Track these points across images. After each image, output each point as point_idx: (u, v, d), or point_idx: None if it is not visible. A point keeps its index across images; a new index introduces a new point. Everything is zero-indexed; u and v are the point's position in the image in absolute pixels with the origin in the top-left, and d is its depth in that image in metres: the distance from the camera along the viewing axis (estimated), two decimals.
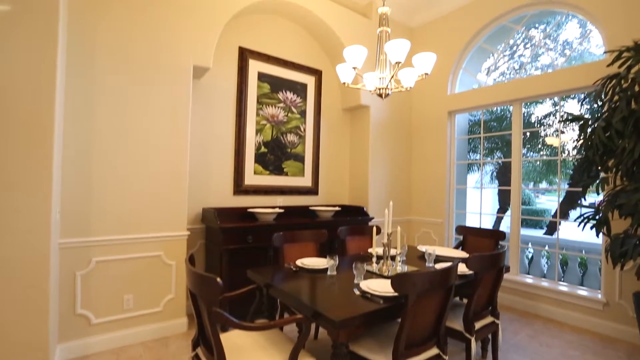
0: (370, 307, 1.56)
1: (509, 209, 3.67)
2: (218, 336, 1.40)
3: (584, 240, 4.08)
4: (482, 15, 3.82)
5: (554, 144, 6.45)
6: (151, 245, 2.64)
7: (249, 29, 3.54)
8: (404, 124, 4.55)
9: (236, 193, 3.47)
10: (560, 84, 3.19)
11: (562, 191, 3.73)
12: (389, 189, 4.30)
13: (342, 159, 4.35)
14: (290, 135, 3.86)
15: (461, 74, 4.19)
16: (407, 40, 2.02)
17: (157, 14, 2.65)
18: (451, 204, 4.19)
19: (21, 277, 1.82)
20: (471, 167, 9.01)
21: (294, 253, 2.54)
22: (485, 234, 2.97)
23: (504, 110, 8.18)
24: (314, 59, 4.06)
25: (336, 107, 4.29)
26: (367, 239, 3.02)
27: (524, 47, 9.37)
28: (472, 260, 1.84)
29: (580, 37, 9.00)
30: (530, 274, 4.15)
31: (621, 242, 2.29)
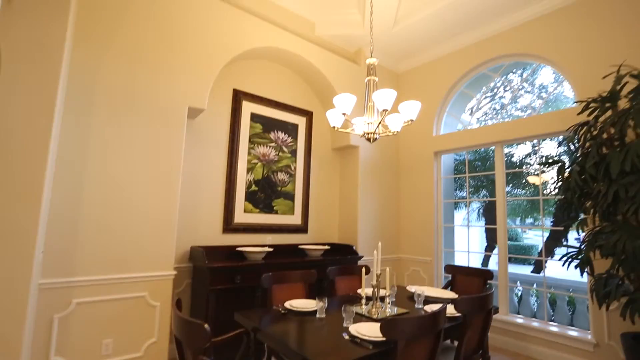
0: (360, 353, 1.54)
1: (497, 247, 3.72)
2: None
3: (570, 279, 4.12)
4: (462, 64, 4.10)
5: (535, 183, 6.68)
6: (136, 285, 2.57)
7: (243, 72, 3.71)
8: (392, 164, 4.68)
9: (225, 231, 3.45)
10: (537, 128, 3.39)
11: (546, 230, 3.83)
12: (378, 227, 4.34)
13: (331, 197, 4.41)
14: (281, 174, 3.92)
15: (445, 116, 4.41)
16: (393, 90, 2.16)
17: (156, 61, 2.77)
18: (439, 242, 4.23)
19: None
20: (458, 204, 9.18)
21: (283, 294, 2.51)
22: (474, 273, 2.99)
23: (487, 150, 8.50)
24: (305, 100, 4.24)
25: (326, 147, 4.41)
26: (357, 279, 3.00)
27: (504, 90, 9.96)
28: (461, 302, 1.86)
29: (554, 82, 9.68)
30: (520, 313, 4.12)
31: (604, 282, 2.34)
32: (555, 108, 8.67)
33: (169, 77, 2.83)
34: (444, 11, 3.58)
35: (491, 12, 3.59)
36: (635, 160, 2.00)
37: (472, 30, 3.91)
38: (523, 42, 3.54)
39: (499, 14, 3.61)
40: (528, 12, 3.45)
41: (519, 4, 3.42)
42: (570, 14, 3.21)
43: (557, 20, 3.30)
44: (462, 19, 3.71)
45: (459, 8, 3.53)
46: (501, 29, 3.71)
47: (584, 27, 3.11)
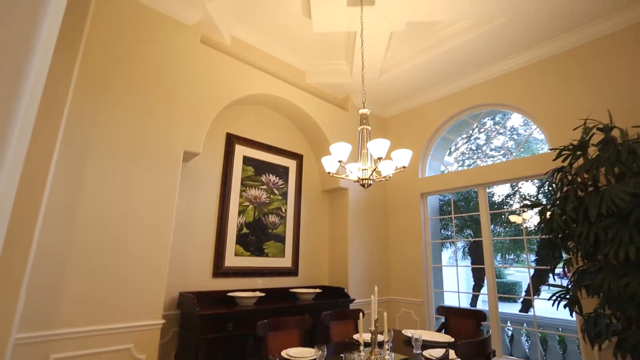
0: None
1: (484, 285, 3.77)
2: None
3: (559, 317, 4.18)
4: (444, 111, 4.39)
5: (516, 221, 6.94)
6: (121, 337, 2.43)
7: (236, 117, 3.83)
8: (380, 205, 4.79)
9: (215, 275, 3.37)
10: (516, 171, 3.61)
11: (530, 268, 3.93)
12: (368, 269, 4.33)
13: (321, 239, 4.42)
14: (272, 216, 3.93)
15: (430, 159, 4.62)
16: (387, 140, 2.29)
17: (154, 107, 2.84)
18: (429, 282, 4.25)
19: None
20: (444, 244, 9.35)
21: (278, 341, 2.43)
22: (467, 314, 3.01)
23: (470, 191, 8.85)
24: (295, 144, 4.37)
25: (316, 189, 4.49)
26: (351, 324, 2.95)
27: (479, 132, 10.60)
28: (462, 347, 1.87)
29: (523, 124, 10.45)
30: (513, 354, 4.11)
31: (594, 322, 2.41)
32: (526, 148, 9.24)
33: (166, 122, 2.89)
34: (427, 64, 3.90)
35: (470, 66, 3.93)
36: (611, 205, 2.16)
37: (453, 81, 4.24)
38: (499, 93, 3.86)
39: (476, 67, 3.95)
40: (503, 66, 3.81)
41: (495, 58, 3.78)
42: (540, 69, 3.57)
43: (529, 74, 3.65)
44: (444, 71, 4.04)
45: (441, 61, 3.85)
46: (479, 80, 4.05)
47: (553, 81, 3.45)
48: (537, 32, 3.34)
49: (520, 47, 3.57)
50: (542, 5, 3.01)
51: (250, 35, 3.66)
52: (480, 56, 3.75)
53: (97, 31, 2.62)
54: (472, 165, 10.70)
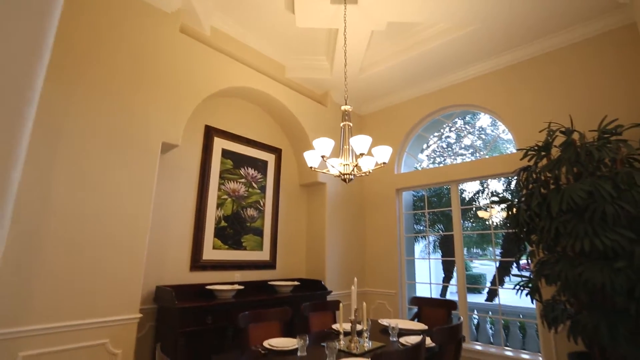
0: None
1: (453, 277, 3.98)
2: None
3: (520, 305, 4.49)
4: (420, 110, 4.55)
5: (484, 217, 7.33)
6: (96, 332, 2.37)
7: (215, 109, 3.78)
8: (357, 200, 4.90)
9: (193, 269, 3.33)
10: (486, 169, 3.82)
11: (497, 260, 4.20)
12: (344, 262, 4.44)
13: (299, 233, 4.47)
14: (250, 210, 3.93)
15: (405, 156, 4.77)
16: (369, 137, 2.37)
17: (131, 98, 2.76)
18: (403, 275, 4.42)
19: None
20: (416, 237, 9.70)
21: (259, 333, 2.47)
22: (439, 304, 3.18)
23: (442, 188, 9.22)
24: (274, 138, 4.37)
25: (294, 183, 4.52)
26: (329, 314, 3.04)
27: (450, 130, 11.02)
28: (436, 333, 1.99)
29: (491, 124, 10.99)
30: (478, 340, 4.37)
31: (552, 308, 2.63)
32: (494, 147, 9.73)
33: (144, 112, 2.81)
34: (405, 64, 4.02)
35: (445, 68, 4.09)
36: (570, 202, 2.36)
37: (429, 81, 4.39)
38: (471, 95, 4.05)
39: (451, 69, 4.12)
40: (476, 69, 4.00)
41: (469, 62, 3.96)
42: (509, 74, 3.78)
43: (498, 78, 3.85)
44: (421, 71, 4.18)
45: (418, 62, 3.98)
46: (453, 82, 4.22)
47: (519, 86, 3.67)
48: (506, 40, 3.54)
49: (491, 52, 3.76)
50: (513, 14, 3.19)
51: (231, 26, 3.61)
52: (455, 59, 3.91)
53: (70, 15, 2.50)
54: (443, 162, 11.10)
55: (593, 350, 2.48)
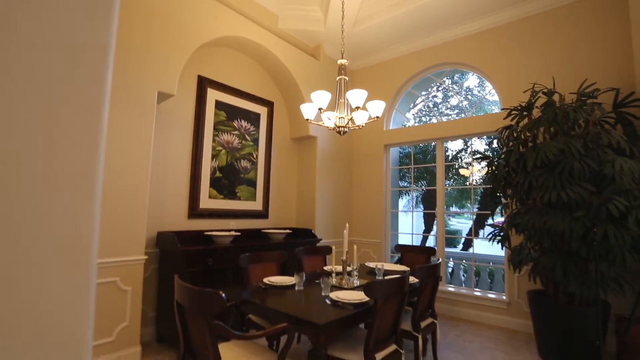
0: (344, 313, 1.85)
1: (434, 229, 4.32)
2: (217, 348, 1.54)
3: (490, 254, 4.96)
4: (411, 67, 4.59)
5: (465, 174, 7.71)
6: (107, 271, 2.57)
7: (208, 59, 3.73)
8: (347, 155, 5.06)
9: (191, 217, 3.50)
10: (472, 128, 4.00)
11: (474, 216, 4.56)
12: (332, 213, 4.70)
13: (290, 185, 4.64)
14: (244, 162, 4.04)
15: (394, 112, 4.89)
16: (364, 90, 2.47)
17: (126, 45, 2.71)
18: (387, 226, 4.74)
19: None
20: (400, 193, 10.13)
21: (258, 272, 2.71)
22: (419, 250, 3.50)
23: (427, 145, 9.46)
24: (266, 91, 4.37)
25: (286, 137, 4.61)
26: (321, 258, 3.32)
27: (437, 90, 11.05)
28: (419, 270, 2.27)
29: (478, 85, 11.08)
30: (451, 283, 4.85)
31: (518, 253, 2.98)
32: (479, 109, 9.93)
33: (139, 60, 2.78)
34: (399, 18, 3.99)
35: (439, 24, 4.09)
36: (544, 158, 2.59)
37: (422, 37, 4.39)
38: (462, 53, 4.12)
39: (445, 26, 4.13)
40: (469, 27, 4.02)
41: (462, 19, 3.97)
42: (500, 34, 3.84)
43: (490, 37, 3.91)
44: (415, 26, 4.16)
45: (413, 16, 3.96)
46: (446, 39, 4.25)
47: (509, 46, 3.75)
48: None
49: (485, 10, 3.78)
50: None
51: None
52: (449, 15, 3.91)
53: None
54: (429, 122, 11.26)
55: (548, 288, 2.86)
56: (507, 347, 3.12)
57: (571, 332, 2.60)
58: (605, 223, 2.36)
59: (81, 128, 0.56)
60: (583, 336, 2.55)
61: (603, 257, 2.45)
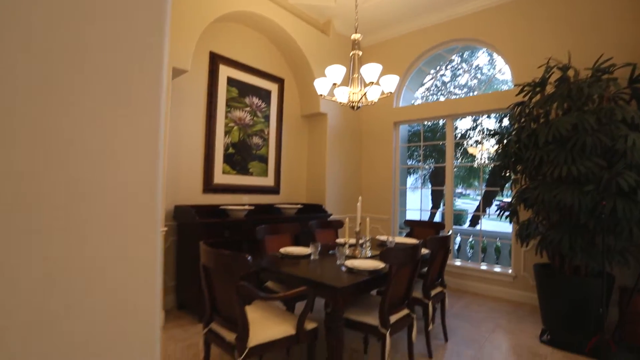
0: (360, 279, 1.95)
1: (441, 206, 4.40)
2: (243, 307, 1.65)
3: (498, 230, 5.04)
4: (422, 43, 4.54)
5: (473, 153, 7.69)
6: None
7: (219, 36, 3.72)
8: (356, 132, 5.09)
9: (205, 191, 3.60)
10: (482, 105, 4.00)
11: (482, 192, 4.62)
12: (342, 189, 4.78)
13: (300, 161, 4.71)
14: (256, 138, 4.10)
15: (404, 90, 4.87)
16: (379, 65, 2.48)
17: None
18: (396, 202, 4.82)
19: None
20: (408, 171, 10.16)
21: (274, 243, 2.82)
22: (429, 225, 3.59)
23: (436, 123, 9.40)
24: (277, 67, 4.37)
25: (296, 114, 4.64)
26: (332, 232, 3.41)
27: (445, 68, 10.86)
28: (431, 241, 2.35)
29: (488, 64, 10.84)
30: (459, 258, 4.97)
31: (526, 227, 3.05)
32: (489, 88, 9.80)
33: None
34: None
35: None
36: (556, 133, 2.61)
37: (433, 12, 4.32)
38: (476, 29, 4.06)
39: (458, 1, 4.05)
40: (483, 1, 3.94)
41: None
42: (513, 9, 3.77)
43: (504, 12, 3.84)
44: (427, 0, 4.09)
45: None
46: (458, 15, 4.18)
47: (523, 21, 3.69)
48: None
49: None
50: None
51: None
52: None
53: None
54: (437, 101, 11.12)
55: (554, 261, 2.95)
56: (512, 316, 3.25)
57: (575, 302, 2.70)
58: (615, 197, 2.41)
59: (145, 121, 0.64)
60: (586, 306, 2.65)
61: (610, 230, 2.52)
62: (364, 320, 1.99)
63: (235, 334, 1.66)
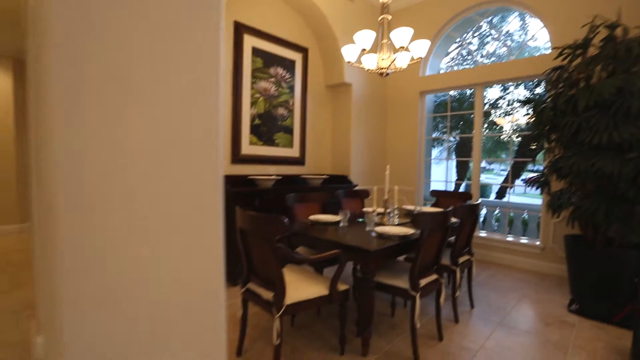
0: (391, 243, 1.99)
1: (466, 178, 4.33)
2: (281, 268, 1.73)
3: (524, 202, 4.94)
4: (452, 6, 4.31)
5: (501, 124, 7.41)
6: None
7: (243, 4, 3.66)
8: (381, 102, 4.99)
9: (234, 162, 3.67)
10: (513, 72, 3.82)
11: (511, 163, 4.49)
12: (367, 161, 4.76)
13: (325, 132, 4.70)
14: (281, 109, 4.10)
15: (431, 58, 4.70)
16: (410, 28, 2.39)
17: None
18: (421, 173, 4.78)
19: None
20: (433, 142, 9.91)
21: (303, 211, 2.89)
22: (455, 195, 3.56)
23: (463, 93, 9.04)
24: (301, 37, 4.28)
25: (320, 84, 4.58)
26: (359, 201, 3.45)
27: (472, 36, 10.27)
28: (460, 208, 2.35)
29: (520, 29, 10.14)
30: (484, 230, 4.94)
31: (558, 197, 2.97)
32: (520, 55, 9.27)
33: None
34: None
35: None
36: (598, 98, 2.48)
37: None
38: None
39: None
40: None
41: None
42: None
43: None
44: None
45: None
46: None
47: None
48: None
49: None
50: None
51: None
52: None
53: None
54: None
55: (587, 232, 2.88)
56: (539, 287, 3.25)
57: (607, 273, 2.65)
58: None
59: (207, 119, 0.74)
60: (619, 277, 2.61)
61: None
62: (394, 284, 2.04)
63: (273, 293, 1.75)
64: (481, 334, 2.33)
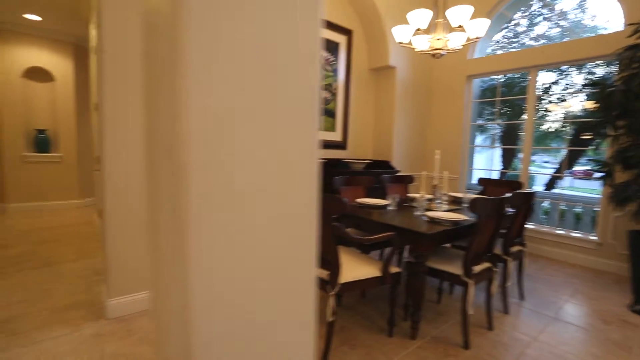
0: (445, 227, 1.95)
1: (511, 168, 4.11)
2: (337, 247, 1.75)
3: (577, 194, 4.65)
4: None
5: (554, 110, 6.91)
6: None
7: None
8: (426, 86, 4.83)
9: None
10: (575, 53, 3.54)
11: (557, 155, 4.22)
12: (409, 146, 4.66)
13: (367, 116, 4.63)
14: (324, 92, 4.08)
15: (481, 40, 4.45)
16: (470, 6, 2.27)
17: None
18: (465, 161, 4.62)
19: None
20: (478, 128, 9.43)
21: (349, 194, 2.89)
22: (504, 184, 3.41)
23: (512, 77, 8.49)
24: (345, 18, 4.20)
25: (364, 67, 4.49)
26: (403, 187, 3.39)
27: (520, 16, 9.57)
28: (515, 195, 2.25)
29: (577, 7, 9.30)
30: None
31: (624, 189, 2.76)
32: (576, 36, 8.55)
33: None
34: None
35: None
36: None
37: None
38: None
39: None
40: None
41: None
42: None
43: None
44: None
45: None
46: None
47: None
48: None
49: None
50: None
51: None
52: None
53: None
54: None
55: None
56: (594, 284, 3.07)
57: None
58: None
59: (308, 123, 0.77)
60: None
61: None
62: (446, 269, 2.01)
63: (328, 272, 1.78)
64: (533, 326, 2.25)
